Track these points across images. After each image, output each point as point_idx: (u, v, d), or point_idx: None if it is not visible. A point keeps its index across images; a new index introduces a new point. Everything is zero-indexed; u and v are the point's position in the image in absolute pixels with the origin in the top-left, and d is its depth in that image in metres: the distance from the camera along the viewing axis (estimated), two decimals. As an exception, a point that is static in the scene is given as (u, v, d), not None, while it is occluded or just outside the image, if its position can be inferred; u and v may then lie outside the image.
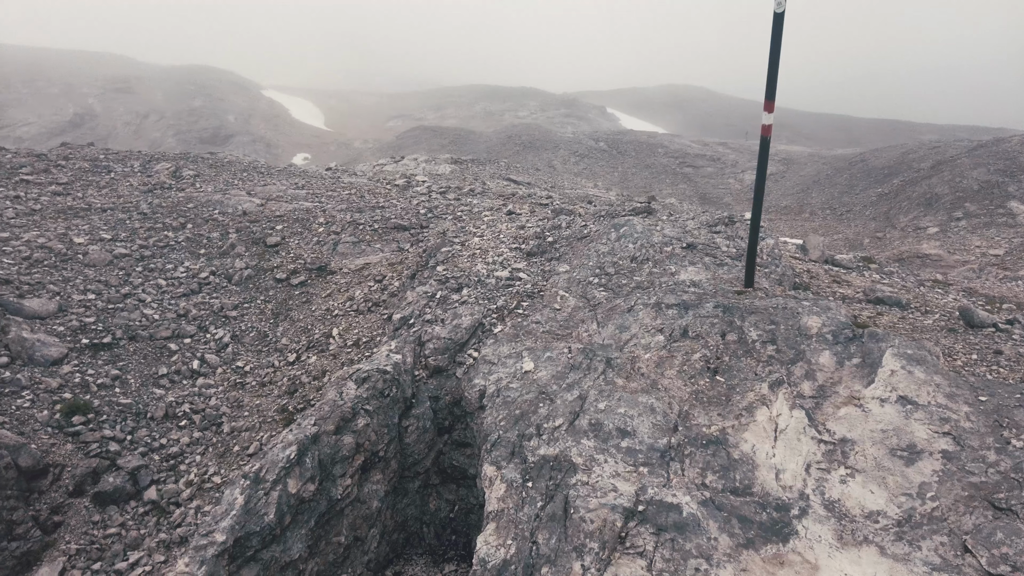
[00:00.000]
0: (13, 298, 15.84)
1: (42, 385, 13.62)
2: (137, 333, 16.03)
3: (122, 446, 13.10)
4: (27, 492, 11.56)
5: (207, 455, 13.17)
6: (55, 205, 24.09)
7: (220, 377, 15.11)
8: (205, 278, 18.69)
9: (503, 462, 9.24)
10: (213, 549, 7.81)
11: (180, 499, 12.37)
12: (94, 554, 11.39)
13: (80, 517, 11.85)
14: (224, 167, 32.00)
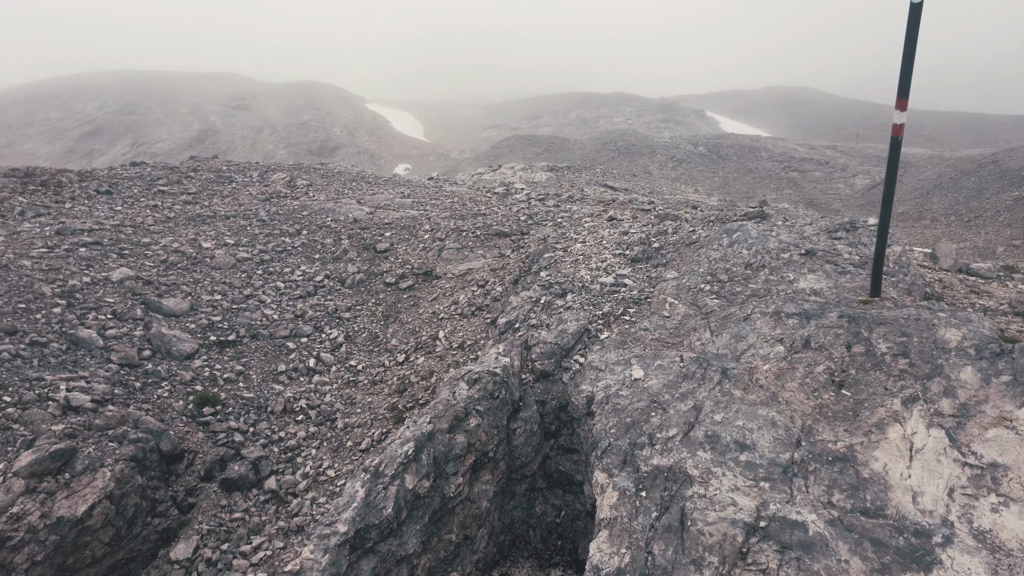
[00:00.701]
0: (154, 297, 17.32)
1: (178, 377, 14.78)
2: (258, 332, 17.11)
3: (245, 437, 13.96)
4: (167, 474, 12.55)
5: (322, 449, 13.81)
6: (186, 213, 26.22)
7: (334, 375, 15.84)
8: (320, 281, 19.70)
9: (615, 470, 9.10)
10: (336, 539, 8.15)
11: (297, 490, 13.02)
12: (222, 535, 12.18)
13: (210, 500, 12.72)
14: (334, 177, 33.70)
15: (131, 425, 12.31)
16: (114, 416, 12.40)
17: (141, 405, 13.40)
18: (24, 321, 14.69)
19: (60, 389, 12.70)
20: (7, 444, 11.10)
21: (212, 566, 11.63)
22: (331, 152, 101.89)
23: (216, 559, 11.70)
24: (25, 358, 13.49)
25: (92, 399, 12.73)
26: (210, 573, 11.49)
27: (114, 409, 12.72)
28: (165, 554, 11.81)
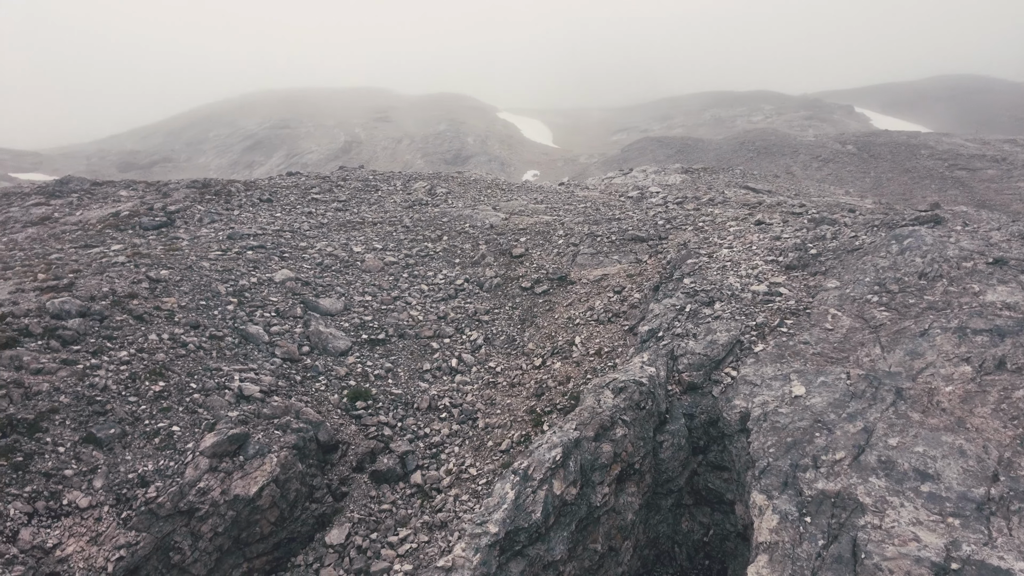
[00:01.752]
0: (312, 297, 18.69)
1: (333, 372, 15.82)
2: (405, 331, 17.94)
3: (394, 432, 14.64)
4: (323, 463, 13.42)
5: (464, 447, 14.18)
6: (338, 219, 28.14)
7: (475, 376, 16.24)
8: (460, 285, 20.33)
9: (774, 492, 8.51)
10: (487, 539, 8.29)
11: (441, 486, 13.45)
12: (371, 525, 12.83)
13: (361, 491, 13.45)
14: (471, 185, 34.77)
15: (294, 416, 13.31)
16: (279, 406, 13.48)
17: (301, 397, 14.47)
18: (205, 316, 16.40)
19: (234, 379, 14.01)
20: (194, 426, 12.40)
21: (362, 553, 12.28)
22: (464, 160, 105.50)
23: (366, 547, 12.34)
24: (206, 349, 15.03)
25: (260, 390, 13.93)
26: (360, 560, 12.14)
27: (279, 400, 13.83)
28: (321, 538, 12.63)
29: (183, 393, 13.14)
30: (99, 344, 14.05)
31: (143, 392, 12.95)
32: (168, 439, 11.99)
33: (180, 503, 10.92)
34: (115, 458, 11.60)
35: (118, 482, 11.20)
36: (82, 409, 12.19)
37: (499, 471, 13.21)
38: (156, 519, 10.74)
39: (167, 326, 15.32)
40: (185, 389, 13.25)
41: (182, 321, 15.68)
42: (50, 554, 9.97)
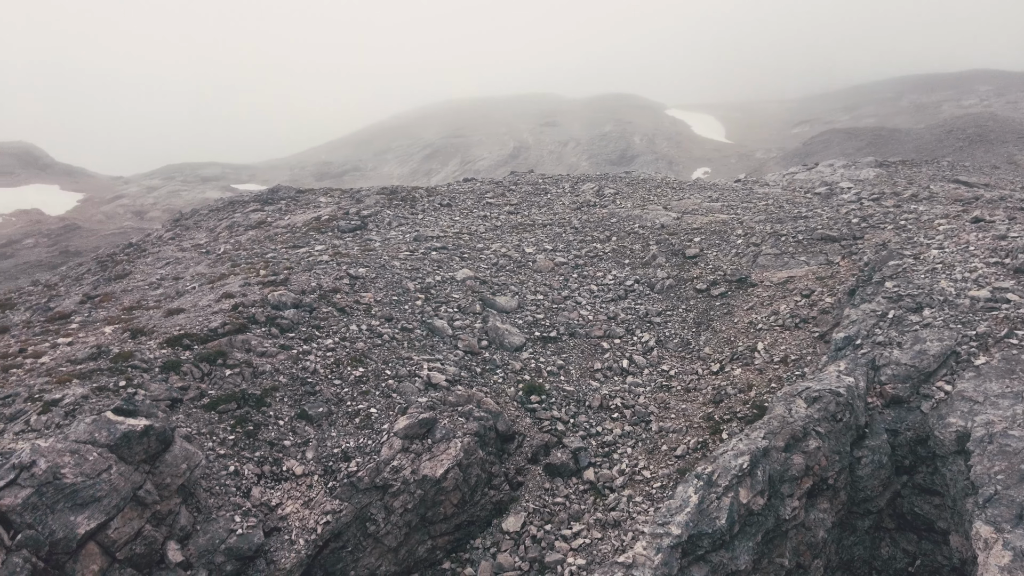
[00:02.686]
0: (489, 295, 19.61)
1: (509, 366, 16.48)
2: (576, 330, 18.20)
3: (567, 427, 14.92)
4: (500, 452, 14.03)
5: (637, 449, 14.08)
6: (510, 222, 29.22)
7: (647, 378, 16.06)
8: (630, 286, 20.19)
9: (1005, 524, 7.47)
10: (669, 540, 8.20)
11: (614, 485, 13.47)
12: (546, 516, 13.18)
13: (536, 482, 13.86)
14: (639, 184, 34.34)
15: (475, 405, 14.08)
16: (462, 395, 14.33)
17: (481, 388, 15.25)
18: (397, 310, 17.89)
19: (423, 368, 15.14)
20: (389, 409, 13.60)
21: (537, 543, 12.67)
22: (630, 161, 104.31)
23: (540, 537, 12.72)
24: (398, 340, 16.39)
25: (446, 379, 14.90)
26: (535, 549, 12.53)
27: (461, 389, 14.70)
28: (498, 524, 13.23)
29: (379, 379, 14.45)
30: (309, 332, 15.90)
31: (346, 376, 14.45)
32: (367, 419, 13.27)
33: (376, 479, 12.03)
34: (323, 433, 13.07)
35: (325, 455, 12.61)
36: (296, 389, 13.88)
37: (674, 476, 12.94)
38: (356, 491, 11.93)
39: (365, 318, 16.94)
40: (381, 375, 14.57)
41: (378, 314, 17.25)
42: (274, 511, 11.49)
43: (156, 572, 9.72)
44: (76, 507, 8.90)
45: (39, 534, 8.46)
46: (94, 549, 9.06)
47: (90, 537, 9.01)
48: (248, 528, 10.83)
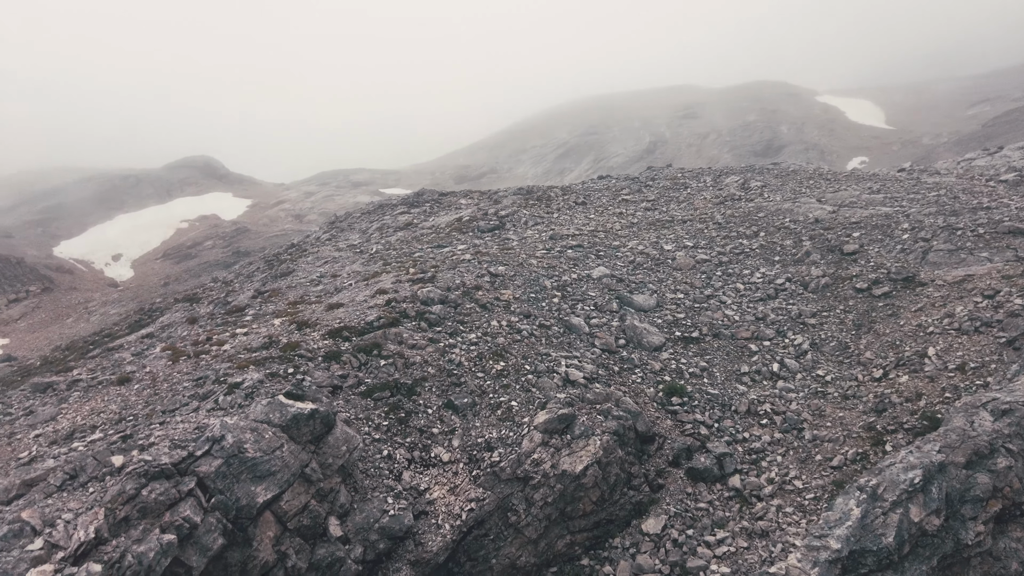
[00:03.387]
0: (626, 293, 19.37)
1: (648, 366, 16.18)
2: (720, 331, 17.47)
3: (710, 431, 14.39)
4: (640, 453, 13.82)
5: (788, 457, 13.28)
6: (647, 218, 28.62)
7: (800, 383, 15.07)
8: (781, 284, 19.04)
9: None
10: (827, 554, 7.67)
11: (762, 494, 12.80)
12: (687, 520, 12.81)
13: (677, 485, 13.52)
14: (789, 176, 32.25)
15: (614, 403, 13.98)
16: (600, 393, 14.29)
17: (619, 387, 15.11)
18: (535, 307, 18.19)
19: (561, 364, 15.28)
20: (529, 403, 13.88)
21: (678, 547, 12.35)
22: (776, 151, 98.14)
23: (682, 541, 12.38)
24: (536, 336, 16.66)
25: (583, 376, 14.93)
26: (676, 553, 12.22)
27: (599, 387, 14.66)
28: (637, 525, 13.04)
29: (519, 373, 14.79)
30: (454, 327, 16.60)
31: (488, 369, 14.93)
32: (508, 412, 13.63)
33: (518, 470, 12.32)
34: (468, 423, 13.61)
35: (470, 444, 13.12)
36: (443, 380, 14.55)
37: (830, 488, 12.07)
38: (498, 481, 12.30)
39: (505, 314, 17.40)
40: (521, 370, 14.90)
41: (517, 311, 17.65)
42: (422, 495, 12.14)
43: (319, 544, 10.64)
44: (256, 479, 9.97)
45: (227, 500, 9.57)
46: (270, 518, 10.09)
47: (267, 507, 10.04)
48: (399, 510, 11.54)
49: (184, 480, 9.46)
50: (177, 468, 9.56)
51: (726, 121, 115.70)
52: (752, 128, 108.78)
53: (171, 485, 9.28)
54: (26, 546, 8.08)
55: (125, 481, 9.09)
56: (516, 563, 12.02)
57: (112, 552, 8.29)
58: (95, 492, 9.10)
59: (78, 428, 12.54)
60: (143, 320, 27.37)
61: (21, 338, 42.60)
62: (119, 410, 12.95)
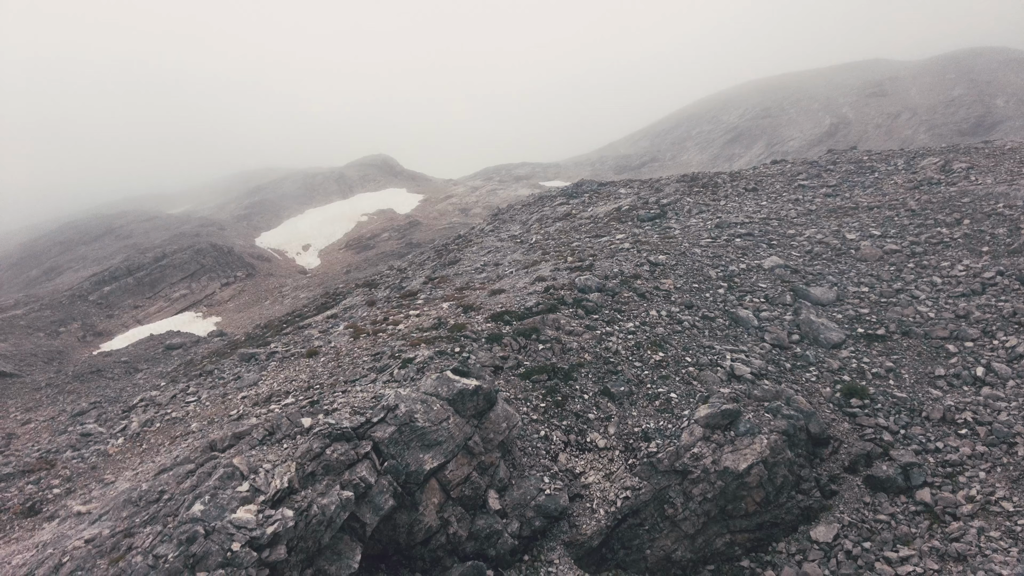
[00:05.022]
0: (801, 285, 17.97)
1: (825, 364, 14.92)
2: (910, 329, 15.62)
3: (895, 438, 12.99)
4: (811, 456, 12.83)
5: (993, 474, 11.61)
6: (827, 205, 26.25)
7: (1012, 391, 13.07)
8: (990, 278, 16.57)
9: None
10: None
11: (958, 512, 11.33)
12: (864, 533, 11.69)
13: (853, 493, 12.38)
14: (1005, 155, 27.85)
15: (784, 401, 13.08)
16: (769, 390, 13.44)
17: (791, 385, 14.10)
18: (697, 298, 17.50)
19: (726, 358, 14.57)
20: (689, 396, 13.43)
21: (852, 559, 11.31)
22: (989, 129, 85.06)
23: (857, 554, 11.32)
24: (699, 328, 16.04)
25: (751, 371, 14.12)
26: (849, 565, 11.20)
27: (768, 384, 13.79)
28: (806, 531, 12.13)
29: (679, 365, 14.36)
30: (611, 315, 16.48)
31: (646, 359, 14.66)
32: (666, 403, 13.30)
33: (676, 463, 11.99)
34: (624, 412, 13.48)
35: (626, 432, 12.99)
36: (599, 367, 14.54)
37: (1050, 513, 10.37)
38: (655, 472, 12.06)
39: (664, 304, 16.95)
40: (681, 361, 14.46)
41: (677, 301, 17.11)
42: (578, 479, 12.25)
43: (479, 515, 11.15)
44: (424, 447, 10.67)
45: (399, 464, 10.35)
46: (435, 485, 10.76)
47: (432, 474, 10.71)
48: (555, 490, 11.75)
49: (362, 444, 10.39)
50: (356, 432, 10.52)
51: (923, 97, 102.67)
52: (957, 103, 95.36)
53: (351, 447, 10.23)
54: (236, 487, 9.35)
55: (312, 440, 10.18)
56: (671, 556, 11.74)
57: (301, 502, 9.33)
58: (288, 448, 10.29)
59: (275, 393, 14.25)
60: (328, 303, 30.31)
61: (230, 317, 49.08)
62: (308, 379, 14.51)
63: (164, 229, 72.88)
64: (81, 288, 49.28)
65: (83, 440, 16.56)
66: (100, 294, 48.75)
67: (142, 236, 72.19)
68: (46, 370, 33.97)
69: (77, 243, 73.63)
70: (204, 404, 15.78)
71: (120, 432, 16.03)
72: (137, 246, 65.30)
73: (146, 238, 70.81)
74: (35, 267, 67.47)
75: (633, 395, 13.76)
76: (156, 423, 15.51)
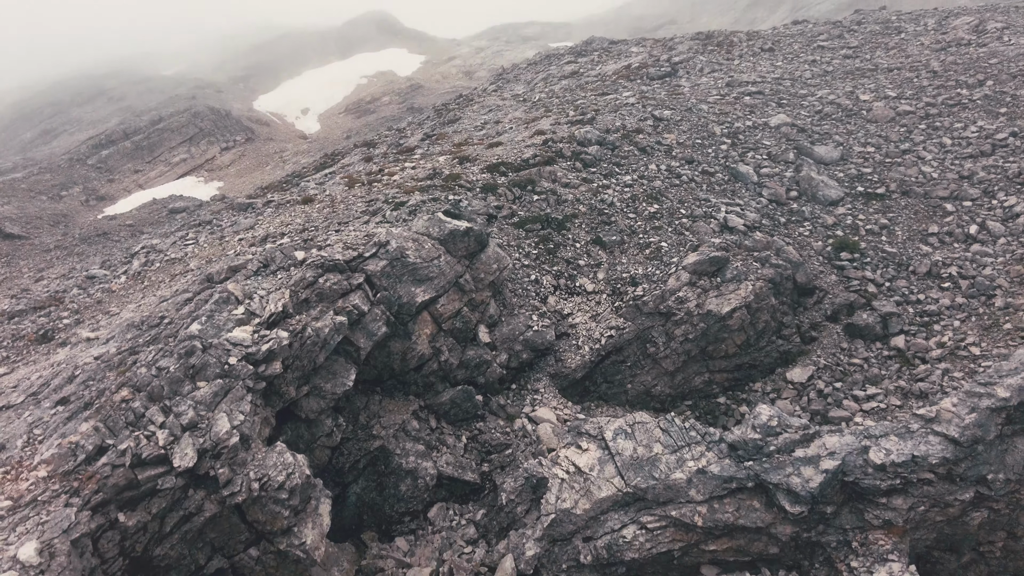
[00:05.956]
0: (806, 143, 17.54)
1: (820, 220, 14.90)
2: (911, 188, 15.43)
3: (879, 290, 13.24)
4: (795, 304, 13.16)
5: (968, 323, 11.94)
6: (844, 67, 25.00)
7: (1001, 248, 13.12)
8: (1002, 140, 16.08)
9: None
10: (989, 401, 7.00)
11: (928, 356, 11.79)
12: (837, 374, 12.26)
13: (831, 339, 12.84)
14: (1050, 12, 26.12)
15: (774, 252, 13.20)
16: (760, 241, 13.52)
17: (783, 237, 14.17)
18: (699, 153, 17.15)
19: (720, 210, 14.53)
20: (680, 245, 13.55)
21: (822, 397, 11.94)
22: (1031, -2, 79.23)
23: (827, 392, 11.93)
24: (697, 182, 15.86)
25: (744, 224, 14.13)
26: (819, 402, 11.84)
27: (761, 236, 13.83)
28: (782, 373, 12.72)
29: (673, 216, 14.36)
30: (610, 168, 16.26)
31: (640, 211, 14.65)
32: (656, 252, 13.45)
33: (660, 305, 12.33)
34: (614, 259, 13.68)
35: (615, 278, 13.26)
36: (593, 218, 14.56)
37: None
38: (640, 313, 12.43)
39: (665, 159, 16.65)
40: (675, 213, 14.44)
41: (678, 156, 16.80)
42: (565, 319, 12.66)
43: (469, 346, 11.64)
44: (415, 281, 10.94)
45: (391, 296, 10.66)
46: (427, 317, 11.15)
47: (424, 307, 11.06)
48: (543, 327, 12.19)
49: (354, 276, 10.64)
50: (348, 265, 10.74)
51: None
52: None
53: (343, 278, 10.49)
54: (232, 311, 9.70)
55: (305, 270, 10.42)
56: (651, 391, 12.39)
57: (296, 325, 9.71)
58: (282, 278, 10.56)
59: (271, 235, 14.41)
60: (327, 163, 29.92)
61: (232, 182, 48.67)
62: (303, 223, 14.62)
63: (159, 92, 70.42)
64: (79, 152, 48.47)
65: (88, 281, 17.02)
66: (98, 158, 48.02)
67: (136, 99, 70.01)
68: (53, 232, 34.30)
69: (69, 105, 71.50)
70: (202, 246, 16.03)
71: (123, 273, 16.43)
72: (131, 109, 63.51)
73: (140, 100, 68.70)
74: (28, 129, 66.02)
75: (624, 244, 13.89)
76: (156, 263, 15.85)
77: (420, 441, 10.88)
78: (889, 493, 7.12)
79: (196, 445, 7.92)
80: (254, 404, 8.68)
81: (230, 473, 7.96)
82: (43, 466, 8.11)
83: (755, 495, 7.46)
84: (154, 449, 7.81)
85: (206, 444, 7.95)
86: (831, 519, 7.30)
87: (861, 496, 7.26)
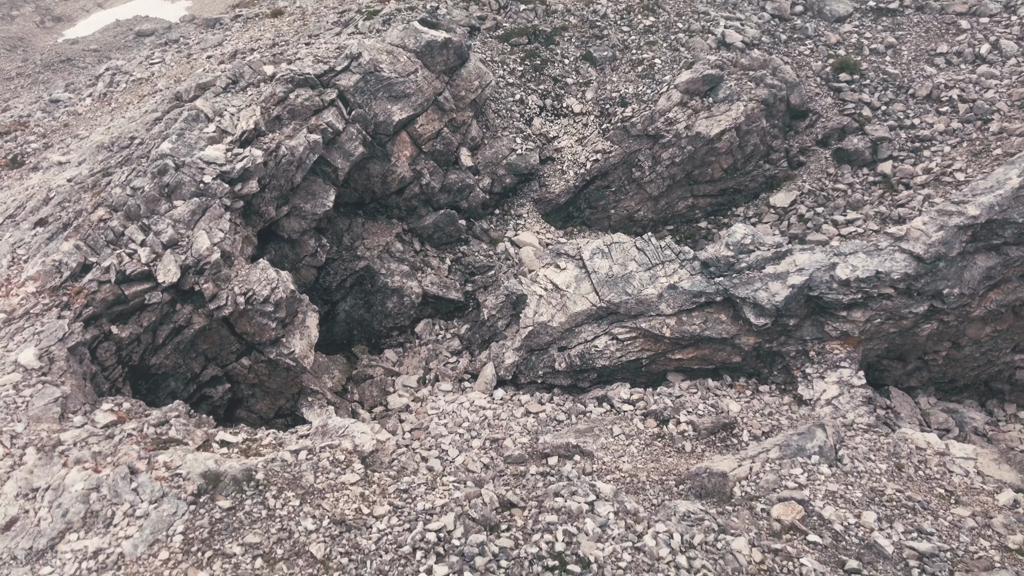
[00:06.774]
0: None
1: (823, 38, 14.02)
2: (927, 4, 14.32)
3: (874, 114, 12.84)
4: (787, 128, 12.83)
5: (959, 149, 11.73)
6: None
7: (1009, 69, 12.51)
8: (1032, -58, 14.68)
9: None
10: (959, 219, 7.07)
11: (912, 183, 11.73)
12: (820, 199, 12.28)
13: (819, 165, 12.69)
14: None
15: (770, 71, 12.55)
16: (757, 59, 12.79)
17: (782, 56, 13.42)
18: (701, -40, 15.69)
19: (719, 25, 13.58)
20: (674, 62, 12.84)
21: (803, 221, 12.05)
22: None
23: (808, 217, 12.02)
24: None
25: (743, 40, 13.27)
26: (799, 226, 11.97)
27: (758, 54, 13.06)
28: (766, 198, 12.71)
29: (669, 31, 13.44)
30: (604, -24, 14.92)
31: (635, 24, 13.68)
32: (649, 69, 12.78)
33: (649, 127, 11.96)
34: (604, 77, 13.04)
35: (604, 98, 12.73)
36: (585, 31, 13.62)
37: (1000, 181, 10.72)
38: (627, 135, 12.10)
39: (664, -35, 15.24)
40: (672, 27, 13.51)
41: (678, -38, 15.36)
42: (551, 142, 12.36)
43: (451, 170, 11.46)
44: (391, 98, 10.47)
45: (366, 114, 10.27)
46: (406, 138, 10.83)
47: (403, 127, 10.70)
48: (527, 150, 11.93)
49: (327, 91, 10.15)
50: (320, 80, 10.20)
51: None
52: None
53: (315, 94, 10.01)
54: (203, 128, 9.35)
55: (275, 85, 9.91)
56: (633, 216, 12.45)
57: (269, 143, 9.43)
58: (252, 94, 10.06)
59: (239, 51, 13.50)
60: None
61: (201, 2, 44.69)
62: (273, 37, 13.64)
63: None
64: (23, -44, 43.80)
65: (52, 105, 16.24)
66: (48, -33, 43.51)
67: None
68: (11, 58, 31.90)
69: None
70: (169, 65, 15.11)
71: (88, 95, 15.63)
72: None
73: None
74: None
75: (616, 60, 13.16)
76: (122, 84, 15.02)
77: (404, 262, 11.09)
78: (850, 307, 7.43)
79: (178, 262, 8.02)
80: (233, 223, 8.68)
81: (215, 288, 8.16)
82: (31, 282, 8.27)
83: (722, 308, 7.78)
84: (137, 266, 7.91)
85: (188, 260, 8.06)
86: (793, 331, 7.70)
87: (823, 310, 7.59)
